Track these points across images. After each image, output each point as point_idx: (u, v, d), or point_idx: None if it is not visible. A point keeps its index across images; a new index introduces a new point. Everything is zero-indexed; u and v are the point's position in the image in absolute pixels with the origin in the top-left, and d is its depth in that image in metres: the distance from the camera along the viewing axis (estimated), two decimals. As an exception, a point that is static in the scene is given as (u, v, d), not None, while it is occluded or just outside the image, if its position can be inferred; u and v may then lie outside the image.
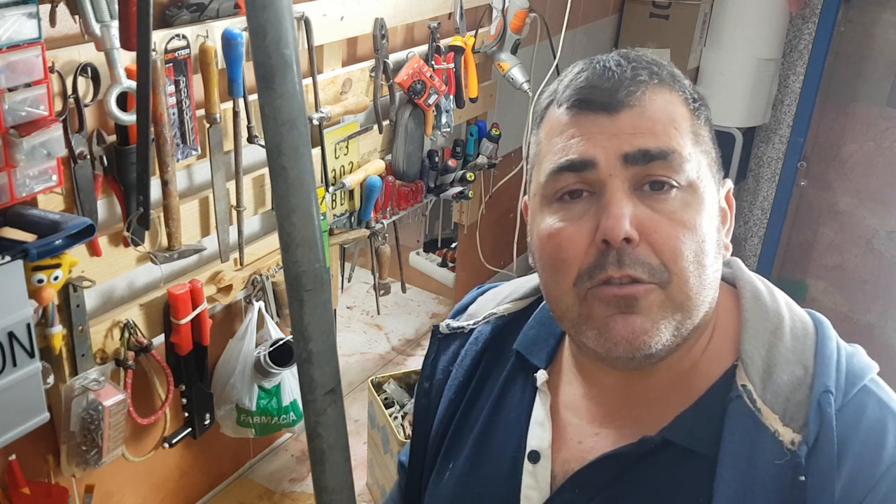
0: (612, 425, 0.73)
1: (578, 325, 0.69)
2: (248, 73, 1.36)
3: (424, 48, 1.85)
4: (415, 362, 2.23)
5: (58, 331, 1.19)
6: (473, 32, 1.98)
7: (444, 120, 1.92)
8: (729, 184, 0.75)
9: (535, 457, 0.75)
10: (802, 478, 0.62)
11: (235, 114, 1.38)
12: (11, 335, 1.08)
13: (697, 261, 0.66)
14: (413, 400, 1.76)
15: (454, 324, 0.90)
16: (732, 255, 0.75)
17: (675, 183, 0.66)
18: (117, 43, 1.11)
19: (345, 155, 1.70)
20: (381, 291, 1.97)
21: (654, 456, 0.69)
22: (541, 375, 0.78)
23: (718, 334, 0.72)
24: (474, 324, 0.88)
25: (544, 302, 0.83)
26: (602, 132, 0.67)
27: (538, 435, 0.76)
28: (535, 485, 0.74)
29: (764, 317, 0.71)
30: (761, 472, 0.64)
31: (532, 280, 0.87)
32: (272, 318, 1.58)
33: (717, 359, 0.71)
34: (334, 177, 1.68)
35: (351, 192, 1.75)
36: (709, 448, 0.66)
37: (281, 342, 1.54)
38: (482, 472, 0.79)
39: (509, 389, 0.82)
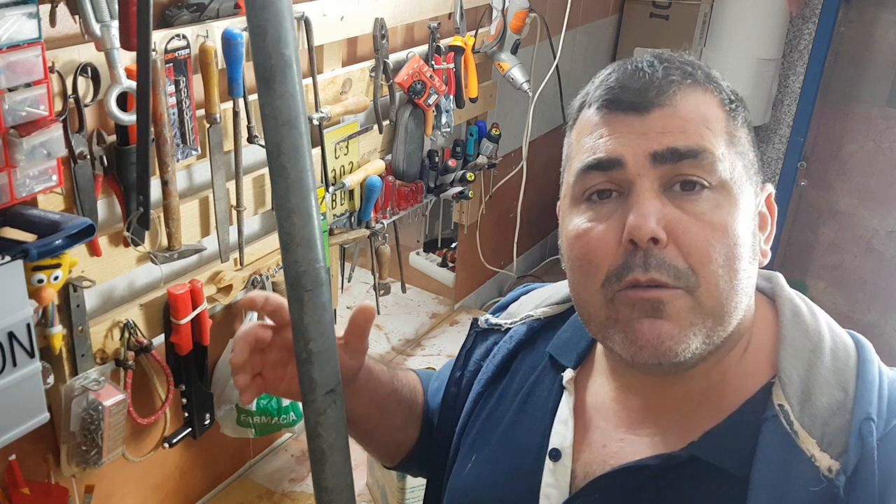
0: (638, 433, 0.72)
1: (605, 329, 0.67)
2: (248, 73, 1.36)
3: (424, 48, 1.85)
4: (415, 362, 2.23)
5: (58, 331, 1.19)
6: (473, 32, 1.98)
7: (444, 120, 1.92)
8: (770, 188, 0.73)
9: (555, 455, 0.74)
10: None
11: (235, 114, 1.38)
12: (11, 335, 1.08)
13: (728, 265, 0.64)
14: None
15: (493, 320, 0.90)
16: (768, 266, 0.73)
17: (706, 183, 0.64)
18: (117, 43, 1.11)
19: (345, 155, 1.70)
20: (381, 291, 1.97)
21: (680, 470, 0.67)
22: (567, 374, 0.78)
23: (754, 349, 0.70)
24: (511, 323, 0.88)
25: None
26: (631, 131, 0.65)
27: (560, 433, 0.75)
28: (554, 483, 0.74)
29: (804, 335, 0.68)
30: (796, 498, 0.61)
31: None
32: (272, 318, 1.58)
33: (751, 374, 0.69)
34: (334, 177, 1.68)
35: (351, 192, 1.75)
36: (739, 467, 0.64)
37: (281, 342, 1.54)
38: (505, 466, 0.79)
39: (538, 388, 0.81)
